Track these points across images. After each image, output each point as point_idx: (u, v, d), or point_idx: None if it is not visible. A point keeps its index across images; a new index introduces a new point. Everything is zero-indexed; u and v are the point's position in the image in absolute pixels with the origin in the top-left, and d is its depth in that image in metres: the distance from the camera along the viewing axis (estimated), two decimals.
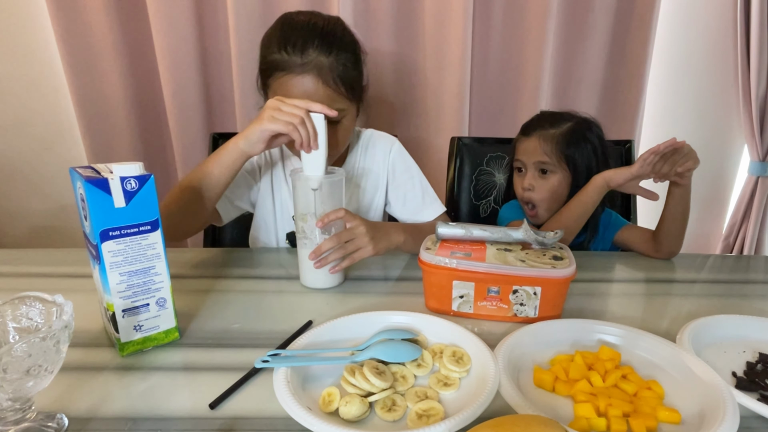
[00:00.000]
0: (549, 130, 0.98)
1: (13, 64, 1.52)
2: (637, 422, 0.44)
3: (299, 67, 0.76)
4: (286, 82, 0.77)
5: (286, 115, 0.71)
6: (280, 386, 0.47)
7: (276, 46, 0.77)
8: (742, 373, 0.54)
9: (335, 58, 0.77)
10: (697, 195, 1.69)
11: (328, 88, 0.77)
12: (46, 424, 0.43)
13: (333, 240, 0.72)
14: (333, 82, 0.77)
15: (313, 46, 0.76)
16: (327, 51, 0.76)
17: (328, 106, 0.75)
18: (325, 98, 0.77)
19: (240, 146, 0.75)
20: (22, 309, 0.45)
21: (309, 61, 0.75)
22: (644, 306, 0.72)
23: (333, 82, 0.77)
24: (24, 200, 1.68)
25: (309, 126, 0.71)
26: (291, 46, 0.76)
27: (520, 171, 1.04)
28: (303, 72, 0.76)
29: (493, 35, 1.48)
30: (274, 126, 0.71)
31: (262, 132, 0.73)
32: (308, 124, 0.71)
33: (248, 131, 0.74)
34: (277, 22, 0.82)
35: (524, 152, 1.01)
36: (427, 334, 0.60)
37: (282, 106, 0.71)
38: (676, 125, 1.64)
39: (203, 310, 0.68)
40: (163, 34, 1.40)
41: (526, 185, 1.00)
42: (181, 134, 1.52)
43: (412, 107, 1.53)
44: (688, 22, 1.55)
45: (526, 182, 1.00)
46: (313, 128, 0.71)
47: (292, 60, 0.76)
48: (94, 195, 0.49)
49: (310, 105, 0.72)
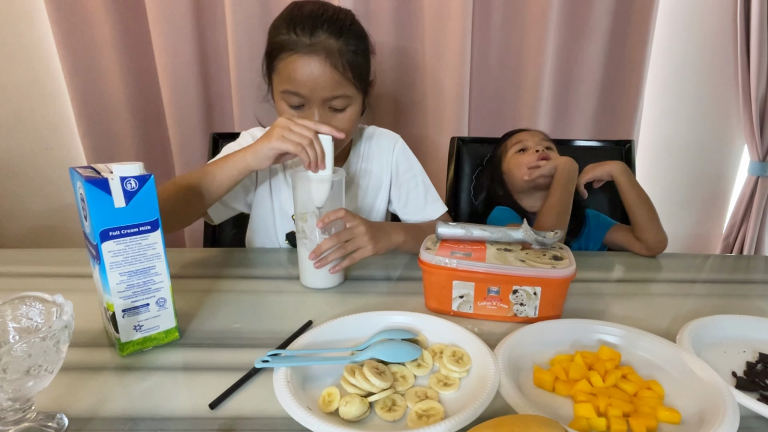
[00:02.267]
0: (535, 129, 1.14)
1: (13, 65, 1.52)
2: (637, 422, 0.44)
3: (307, 47, 0.74)
4: (293, 62, 0.75)
5: (296, 135, 0.72)
6: (280, 386, 0.47)
7: (284, 27, 0.76)
8: (742, 373, 0.54)
9: (344, 43, 0.76)
10: (697, 195, 1.72)
11: (335, 72, 0.76)
12: (46, 424, 0.43)
13: (333, 239, 0.72)
14: (341, 66, 0.76)
15: (322, 28, 0.75)
16: (336, 35, 0.75)
17: (333, 90, 0.77)
18: (331, 82, 0.76)
19: (247, 160, 0.75)
20: (22, 309, 0.45)
21: (318, 42, 0.74)
22: (644, 306, 0.72)
23: (341, 66, 0.76)
24: (24, 200, 1.68)
25: (318, 147, 0.72)
26: (300, 27, 0.75)
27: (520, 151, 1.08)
28: (311, 52, 0.74)
29: (493, 35, 1.48)
30: (284, 146, 0.72)
31: (271, 149, 0.74)
32: (317, 145, 0.72)
33: (257, 147, 0.75)
34: (286, 8, 0.81)
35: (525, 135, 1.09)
36: (427, 334, 0.60)
37: (292, 126, 0.73)
38: (676, 125, 1.64)
39: (203, 310, 0.68)
40: (163, 34, 1.40)
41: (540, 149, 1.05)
42: (180, 134, 1.52)
43: (412, 107, 1.53)
44: (688, 22, 1.55)
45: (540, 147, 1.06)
46: (321, 150, 0.73)
47: (300, 40, 0.75)
48: (94, 195, 0.49)
49: (319, 127, 0.74)
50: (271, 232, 0.98)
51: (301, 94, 0.77)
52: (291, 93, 0.77)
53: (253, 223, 1.00)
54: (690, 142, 1.66)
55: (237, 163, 0.76)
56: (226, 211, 0.94)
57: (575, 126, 1.56)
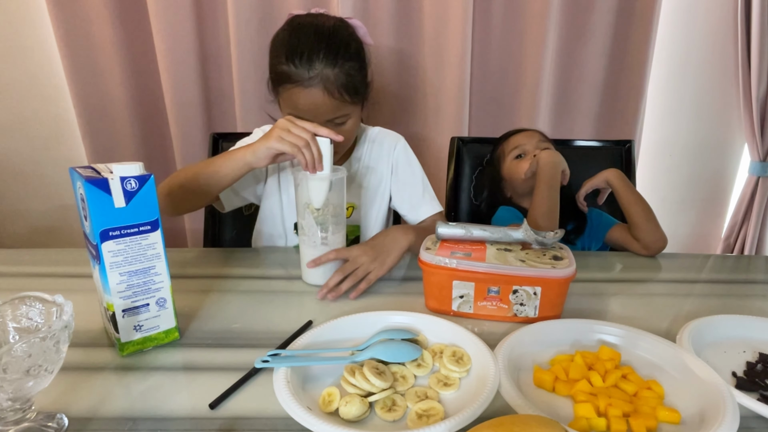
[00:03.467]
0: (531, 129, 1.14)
1: (13, 64, 1.52)
2: (637, 422, 0.44)
3: (306, 80, 0.80)
4: (295, 93, 0.81)
5: (294, 137, 0.74)
6: (280, 386, 0.47)
7: (284, 57, 0.81)
8: (742, 373, 0.54)
9: (340, 69, 0.81)
10: (698, 195, 1.72)
11: (333, 99, 0.81)
12: (46, 424, 0.43)
13: (338, 275, 0.73)
14: (338, 93, 0.81)
15: (318, 58, 0.80)
16: (332, 63, 0.80)
17: (333, 113, 0.83)
18: (331, 107, 0.82)
19: (246, 158, 0.78)
20: (22, 309, 0.45)
21: (315, 74, 0.80)
22: (644, 306, 0.72)
23: (338, 92, 0.81)
24: (24, 200, 1.68)
25: (314, 149, 0.74)
26: (298, 59, 0.80)
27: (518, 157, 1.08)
28: (310, 85, 0.80)
29: (493, 35, 1.48)
30: (281, 146, 0.74)
31: (268, 150, 0.76)
32: (313, 147, 0.74)
33: (257, 146, 0.77)
34: (285, 25, 0.86)
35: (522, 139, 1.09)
36: (427, 334, 0.60)
37: (291, 127, 0.75)
38: (676, 125, 1.64)
39: (203, 310, 0.68)
40: (164, 33, 1.40)
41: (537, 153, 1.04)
42: (181, 134, 1.52)
43: (412, 107, 1.53)
44: (689, 22, 1.55)
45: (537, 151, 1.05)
46: (318, 152, 0.74)
47: (299, 73, 0.80)
48: (94, 195, 0.49)
49: (317, 129, 0.76)
50: (278, 222, 1.00)
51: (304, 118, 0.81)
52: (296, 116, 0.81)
53: (262, 213, 1.02)
54: (690, 142, 1.66)
55: (237, 160, 0.79)
56: (238, 199, 0.98)
57: (576, 126, 1.56)
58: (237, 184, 0.94)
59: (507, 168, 1.09)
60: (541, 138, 1.09)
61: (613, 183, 0.99)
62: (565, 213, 0.97)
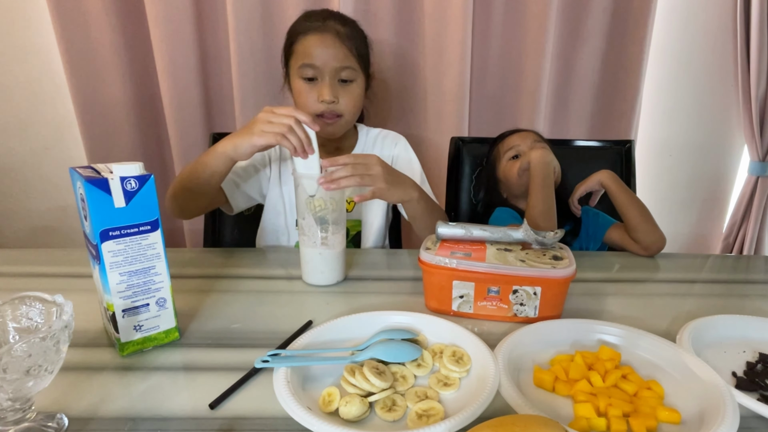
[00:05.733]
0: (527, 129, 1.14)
1: (13, 64, 1.52)
2: (637, 422, 0.44)
3: (320, 28, 0.89)
4: (309, 40, 0.89)
5: (275, 126, 0.72)
6: (280, 386, 0.47)
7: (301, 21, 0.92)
8: (742, 373, 0.54)
9: (350, 29, 0.91)
10: (697, 195, 1.72)
11: (343, 47, 0.89)
12: (46, 424, 0.43)
13: (347, 168, 0.72)
14: (348, 44, 0.90)
15: (332, 18, 0.91)
16: (343, 23, 0.91)
17: (343, 61, 0.89)
18: (341, 54, 0.89)
19: (228, 153, 0.78)
20: (22, 309, 0.45)
21: (328, 25, 0.89)
22: (644, 306, 0.72)
23: (348, 44, 0.90)
24: (24, 200, 1.68)
25: (300, 133, 0.72)
26: (314, 17, 0.91)
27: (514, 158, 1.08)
28: (323, 32, 0.89)
29: (493, 35, 1.48)
30: (264, 140, 0.74)
31: (252, 147, 0.75)
32: (299, 131, 0.72)
33: (238, 141, 0.76)
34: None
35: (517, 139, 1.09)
36: (427, 334, 0.60)
37: (272, 117, 0.73)
38: (676, 125, 1.64)
39: (203, 310, 0.68)
40: (163, 34, 1.40)
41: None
42: (180, 134, 1.52)
43: (412, 107, 1.53)
44: (688, 22, 1.55)
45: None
46: (305, 134, 0.72)
47: (314, 25, 0.90)
48: (94, 195, 0.49)
49: (298, 114, 0.73)
50: (281, 217, 1.01)
51: (315, 65, 0.88)
52: (307, 66, 0.89)
53: (266, 208, 1.03)
54: (690, 142, 1.66)
55: (220, 155, 0.78)
56: (244, 199, 0.98)
57: (575, 126, 1.56)
58: (243, 184, 0.95)
59: (502, 169, 1.09)
60: (536, 138, 1.08)
61: (607, 185, 0.98)
62: (560, 215, 0.96)
